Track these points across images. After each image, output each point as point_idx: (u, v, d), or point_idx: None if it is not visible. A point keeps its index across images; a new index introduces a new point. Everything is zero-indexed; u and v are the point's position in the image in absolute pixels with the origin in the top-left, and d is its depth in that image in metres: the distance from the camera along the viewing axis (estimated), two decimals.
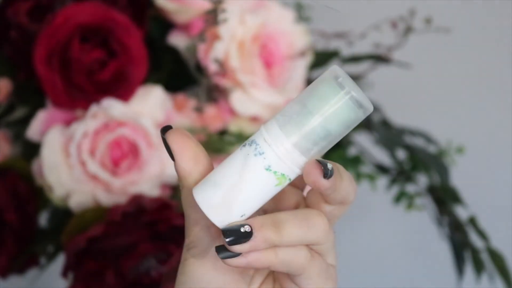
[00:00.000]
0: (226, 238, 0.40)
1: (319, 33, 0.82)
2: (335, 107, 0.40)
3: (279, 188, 0.41)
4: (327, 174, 0.40)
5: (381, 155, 0.87)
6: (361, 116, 0.40)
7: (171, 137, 0.42)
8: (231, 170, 0.41)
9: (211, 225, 0.43)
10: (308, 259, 0.42)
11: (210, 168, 0.43)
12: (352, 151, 0.83)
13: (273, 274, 0.46)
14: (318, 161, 0.40)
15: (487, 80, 1.19)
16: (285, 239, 0.41)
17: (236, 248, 0.40)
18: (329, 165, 0.40)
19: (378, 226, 1.20)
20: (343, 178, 0.42)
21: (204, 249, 0.44)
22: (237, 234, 0.40)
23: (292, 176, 0.41)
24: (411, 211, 0.85)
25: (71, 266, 0.65)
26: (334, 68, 0.40)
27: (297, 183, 0.45)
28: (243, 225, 0.40)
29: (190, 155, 0.42)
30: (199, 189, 0.42)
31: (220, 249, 0.41)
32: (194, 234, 0.44)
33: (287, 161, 0.40)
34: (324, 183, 0.40)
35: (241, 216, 0.41)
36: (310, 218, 0.42)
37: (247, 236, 0.40)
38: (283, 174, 0.41)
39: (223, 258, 0.40)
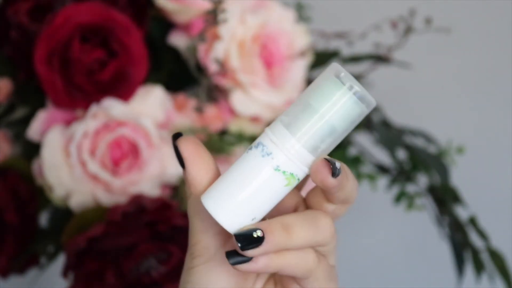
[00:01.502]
0: (239, 242, 0.40)
1: (319, 33, 0.82)
2: (339, 103, 0.40)
3: (288, 189, 0.41)
4: (335, 173, 0.40)
5: (381, 155, 0.87)
6: (365, 111, 0.40)
7: (183, 144, 0.42)
8: (239, 174, 0.41)
9: (218, 233, 0.43)
10: (316, 262, 0.42)
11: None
12: (352, 151, 0.83)
13: (274, 277, 0.46)
14: (326, 159, 0.40)
15: (487, 80, 1.19)
16: (295, 242, 0.41)
17: (249, 252, 0.40)
18: (337, 164, 0.40)
19: (378, 226, 1.20)
20: (349, 177, 0.42)
21: (210, 257, 0.44)
22: (250, 239, 0.40)
23: (301, 175, 0.41)
24: (411, 211, 0.85)
25: (71, 266, 0.65)
26: (334, 65, 0.40)
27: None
28: (255, 230, 0.40)
29: (202, 164, 0.42)
30: (207, 196, 0.42)
31: (230, 255, 0.41)
32: (199, 242, 0.44)
33: (295, 160, 0.40)
34: (332, 181, 0.40)
35: (252, 220, 0.41)
36: (317, 219, 0.42)
37: (259, 240, 0.40)
38: (292, 174, 0.41)
39: (233, 264, 0.40)
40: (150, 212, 0.65)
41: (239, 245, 0.40)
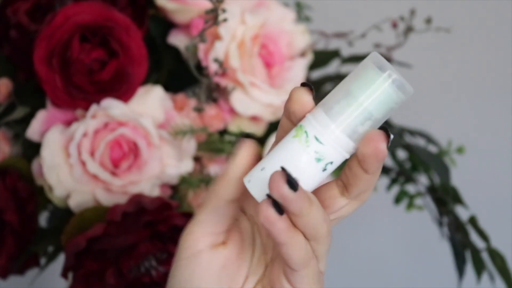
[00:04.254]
0: (282, 171, 0.40)
1: (319, 33, 0.82)
2: (378, 90, 0.41)
3: (296, 142, 0.42)
4: (389, 143, 0.40)
5: None
6: (403, 98, 0.41)
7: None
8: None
9: (212, 232, 0.44)
10: (310, 256, 0.42)
11: None
12: None
13: (262, 282, 0.46)
14: (384, 128, 0.41)
15: (487, 80, 1.19)
16: (310, 217, 0.41)
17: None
18: (392, 136, 0.41)
19: (378, 226, 1.20)
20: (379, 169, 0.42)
21: (197, 253, 0.44)
22: (289, 179, 0.40)
23: (339, 159, 0.42)
24: (411, 211, 0.85)
25: (71, 266, 0.65)
26: (374, 54, 0.41)
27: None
28: (295, 178, 0.40)
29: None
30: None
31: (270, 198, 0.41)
32: (192, 233, 0.44)
33: (335, 145, 0.41)
34: (384, 148, 0.40)
35: (261, 170, 0.42)
36: (324, 213, 0.42)
37: (294, 186, 0.40)
38: (301, 126, 0.42)
39: (269, 200, 0.40)
40: (150, 212, 0.65)
41: (281, 171, 0.39)
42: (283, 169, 0.40)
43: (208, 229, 0.44)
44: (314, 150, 0.41)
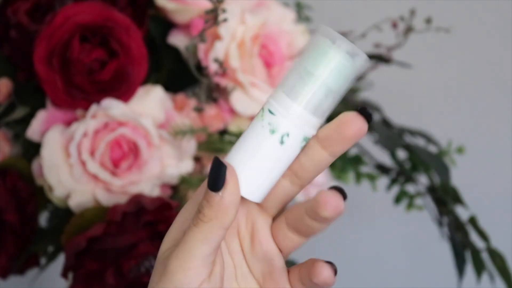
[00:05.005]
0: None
1: None
2: (332, 63, 0.41)
3: (260, 127, 0.42)
4: (370, 120, 0.41)
5: (381, 155, 0.87)
6: (357, 66, 0.41)
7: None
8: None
9: (212, 262, 0.43)
10: None
11: None
12: (352, 151, 0.83)
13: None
14: (359, 110, 0.41)
15: (487, 80, 1.19)
16: None
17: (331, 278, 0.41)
18: (371, 113, 0.41)
19: (378, 226, 1.20)
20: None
21: (197, 286, 0.43)
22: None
23: (300, 135, 0.42)
24: (411, 211, 0.85)
25: (71, 266, 0.65)
26: (322, 28, 0.42)
27: None
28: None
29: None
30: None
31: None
32: (193, 268, 0.43)
33: (299, 124, 0.41)
34: (365, 129, 0.41)
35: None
36: None
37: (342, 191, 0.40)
38: (263, 109, 0.42)
39: (328, 264, 0.42)
40: (150, 212, 0.65)
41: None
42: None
43: (209, 260, 0.43)
44: (268, 122, 0.42)
